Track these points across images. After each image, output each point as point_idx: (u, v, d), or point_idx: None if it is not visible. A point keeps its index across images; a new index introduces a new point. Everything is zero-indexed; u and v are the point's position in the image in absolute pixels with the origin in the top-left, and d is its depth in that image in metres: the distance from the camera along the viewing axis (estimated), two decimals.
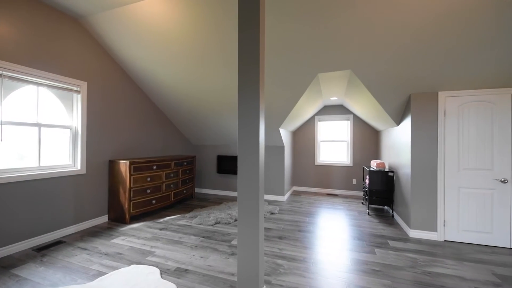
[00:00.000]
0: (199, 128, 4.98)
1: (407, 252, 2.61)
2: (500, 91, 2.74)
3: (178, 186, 4.32)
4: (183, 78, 3.67)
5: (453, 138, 2.89)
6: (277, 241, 2.87)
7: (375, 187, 3.97)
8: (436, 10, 2.13)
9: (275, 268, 2.26)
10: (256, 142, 1.73)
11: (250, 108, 1.75)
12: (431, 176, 2.98)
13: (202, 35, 2.84)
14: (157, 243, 2.77)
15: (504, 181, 2.70)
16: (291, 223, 3.51)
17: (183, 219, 3.59)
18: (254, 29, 1.74)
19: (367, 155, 5.45)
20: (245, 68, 1.76)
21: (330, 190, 5.71)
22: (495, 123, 2.75)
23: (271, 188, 4.93)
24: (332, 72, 3.15)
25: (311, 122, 5.95)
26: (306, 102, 4.26)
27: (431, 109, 2.98)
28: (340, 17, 2.36)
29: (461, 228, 2.86)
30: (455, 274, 2.18)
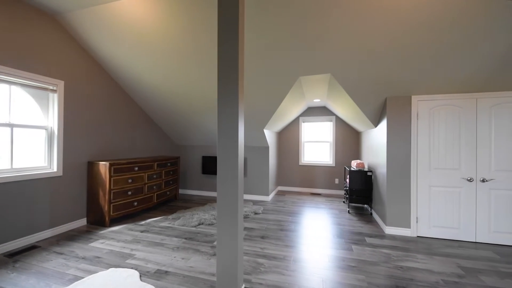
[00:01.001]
0: (183, 129, 4.94)
1: (382, 248, 2.74)
2: (466, 95, 2.94)
3: (161, 188, 4.26)
4: (166, 78, 3.64)
5: (425, 139, 3.07)
6: (259, 240, 2.91)
7: (355, 186, 4.12)
8: (410, 21, 2.26)
9: (256, 267, 2.30)
10: (235, 144, 1.77)
11: (229, 110, 1.78)
12: (405, 176, 3.14)
13: (186, 34, 2.83)
14: (137, 246, 2.73)
15: (470, 180, 2.90)
16: (274, 222, 3.57)
17: (166, 221, 3.56)
18: (233, 31, 1.77)
19: (348, 155, 5.63)
20: (225, 69, 1.79)
21: (314, 189, 5.85)
22: (462, 125, 2.95)
23: (256, 188, 4.98)
24: (313, 76, 3.25)
25: (296, 123, 6.06)
26: (290, 104, 4.34)
27: (405, 112, 3.15)
28: (319, 23, 2.44)
29: (432, 224, 3.04)
30: (424, 268, 2.32)
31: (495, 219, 2.85)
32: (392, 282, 2.08)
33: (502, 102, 2.83)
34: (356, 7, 2.23)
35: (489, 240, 2.87)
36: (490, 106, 2.87)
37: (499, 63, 2.50)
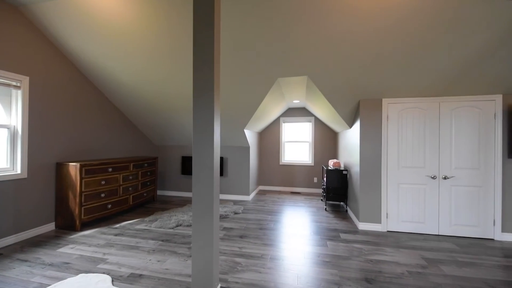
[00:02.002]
0: (162, 128, 4.82)
1: (355, 243, 2.88)
2: (431, 99, 3.17)
3: (138, 189, 4.13)
4: (142, 76, 3.53)
5: (394, 140, 3.26)
6: (238, 240, 2.93)
7: (331, 184, 4.28)
8: (379, 30, 2.39)
9: (233, 266, 2.32)
10: (210, 144, 1.77)
11: (205, 110, 1.78)
12: (376, 174, 3.32)
13: (162, 31, 2.77)
14: (110, 250, 2.63)
15: (434, 177, 3.14)
16: (254, 221, 3.61)
17: (142, 223, 3.46)
18: (209, 29, 1.77)
19: (326, 154, 5.82)
20: (200, 69, 1.79)
21: (294, 188, 5.98)
22: (427, 127, 3.18)
23: (236, 188, 4.98)
24: (291, 77, 3.32)
25: (277, 123, 6.15)
26: (270, 104, 4.40)
27: (377, 114, 3.33)
28: (295, 27, 2.51)
29: (401, 219, 3.25)
30: (392, 260, 2.47)
31: (455, 213, 3.10)
32: (362, 275, 2.20)
33: (461, 106, 3.09)
34: (330, 14, 2.32)
35: (450, 232, 3.12)
36: (451, 109, 3.12)
37: (458, 71, 2.73)
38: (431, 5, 2.13)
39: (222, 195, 5.05)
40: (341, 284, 2.05)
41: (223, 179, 5.05)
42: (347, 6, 2.24)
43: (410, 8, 2.18)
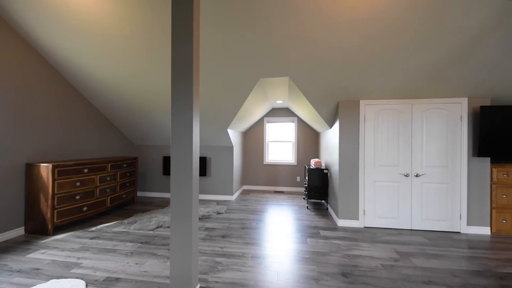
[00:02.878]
0: (142, 128, 4.69)
1: (333, 239, 2.98)
2: (404, 101, 3.35)
3: (116, 191, 3.99)
4: (120, 73, 3.42)
5: (371, 139, 3.41)
6: (219, 240, 2.92)
7: (313, 183, 4.38)
8: (356, 35, 2.49)
9: (214, 266, 2.31)
10: (189, 144, 1.76)
11: (183, 109, 1.77)
12: (354, 172, 3.45)
13: (141, 27, 2.70)
14: (85, 254, 2.53)
15: (407, 175, 3.32)
16: (237, 221, 3.61)
17: (120, 226, 3.35)
18: (187, 27, 1.76)
19: (309, 154, 5.95)
20: (178, 67, 1.77)
21: (277, 187, 6.05)
22: (401, 127, 3.35)
23: (219, 188, 4.96)
24: (274, 78, 3.37)
25: (260, 123, 6.19)
26: (253, 104, 4.43)
27: (354, 114, 3.46)
28: (277, 28, 2.54)
29: (377, 215, 3.40)
30: (367, 255, 2.59)
31: (426, 208, 3.30)
32: (339, 269, 2.28)
33: (431, 108, 3.29)
34: (309, 18, 2.38)
35: (422, 227, 3.32)
36: (422, 111, 3.31)
37: (428, 75, 2.90)
38: (403, 15, 2.25)
39: (205, 195, 5.01)
40: (319, 279, 2.12)
41: (206, 179, 5.01)
42: (326, 13, 2.31)
43: (384, 17, 2.29)
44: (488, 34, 2.35)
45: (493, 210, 3.20)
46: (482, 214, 3.21)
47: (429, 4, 2.15)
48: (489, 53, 2.55)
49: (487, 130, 3.09)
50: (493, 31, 2.32)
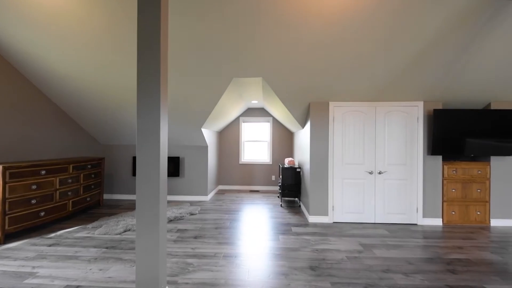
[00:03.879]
0: (108, 126, 4.43)
1: (304, 235, 3.09)
2: (369, 103, 3.58)
3: (79, 194, 3.73)
4: (85, 68, 3.20)
5: (339, 139, 3.59)
6: (191, 241, 2.88)
7: (286, 182, 4.50)
8: (325, 40, 2.60)
9: (184, 267, 2.28)
10: (156, 144, 1.71)
11: (150, 107, 1.71)
12: (324, 170, 3.61)
13: (108, 19, 2.56)
14: (42, 262, 2.34)
15: (371, 173, 3.56)
16: (210, 221, 3.58)
17: (84, 231, 3.14)
18: (154, 22, 1.71)
19: (283, 153, 6.09)
20: (145, 63, 1.72)
21: (253, 187, 6.10)
22: (365, 128, 3.58)
23: (194, 189, 4.87)
24: (247, 78, 3.39)
25: (236, 123, 6.19)
26: (228, 104, 4.42)
27: (324, 115, 3.62)
28: (249, 28, 2.57)
29: (344, 211, 3.60)
30: (334, 248, 2.73)
31: (387, 203, 3.56)
32: (308, 263, 2.38)
33: (392, 110, 3.57)
34: (281, 21, 2.44)
35: (384, 220, 3.58)
36: (384, 113, 3.57)
37: (389, 80, 3.14)
38: (365, 24, 2.40)
39: (178, 196, 4.88)
40: (288, 273, 2.19)
41: (179, 180, 4.89)
42: (296, 18, 2.39)
43: (349, 25, 2.42)
44: (438, 45, 2.61)
45: (444, 203, 3.56)
46: (435, 207, 3.55)
47: (388, 15, 2.33)
48: (439, 62, 2.83)
49: (439, 131, 3.42)
50: (443, 43, 2.58)
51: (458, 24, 2.38)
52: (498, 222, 3.54)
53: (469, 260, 2.49)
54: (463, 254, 2.61)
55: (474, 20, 2.33)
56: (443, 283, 2.07)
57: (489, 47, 2.62)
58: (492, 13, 2.26)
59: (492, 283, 2.08)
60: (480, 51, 2.67)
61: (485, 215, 3.55)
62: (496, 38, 2.51)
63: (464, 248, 2.77)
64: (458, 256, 2.57)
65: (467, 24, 2.37)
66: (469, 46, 2.62)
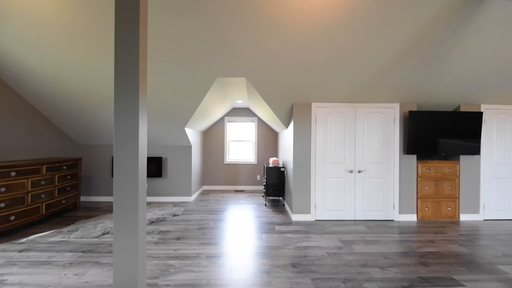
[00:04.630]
0: (86, 125, 4.25)
1: (287, 233, 3.15)
2: (349, 105, 3.70)
3: (54, 196, 3.54)
4: (58, 62, 3.05)
5: (321, 139, 3.69)
6: (174, 242, 2.84)
7: (271, 181, 4.55)
8: (306, 43, 2.66)
9: (165, 269, 2.24)
10: (134, 144, 1.67)
11: (128, 106, 1.67)
12: (306, 169, 3.69)
13: (86, 12, 2.46)
14: (12, 269, 2.20)
15: (351, 171, 3.68)
16: (194, 222, 3.55)
17: (58, 235, 3.00)
18: (133, 20, 1.67)
19: (269, 153, 6.14)
20: (123, 58, 1.67)
21: (238, 186, 6.10)
22: (346, 128, 3.70)
23: (177, 190, 4.79)
24: (231, 78, 3.39)
25: (221, 123, 6.16)
26: (212, 103, 4.38)
27: (307, 116, 3.70)
28: (233, 28, 2.57)
29: (326, 209, 3.70)
30: (315, 245, 2.80)
31: (366, 200, 3.71)
32: (290, 261, 2.42)
33: (371, 111, 3.71)
34: (264, 19, 2.47)
35: (363, 217, 3.72)
36: (364, 114, 3.71)
37: (368, 83, 3.26)
38: (345, 27, 2.49)
39: (160, 197, 4.78)
40: (270, 271, 2.22)
41: (162, 181, 4.78)
42: (278, 19, 2.43)
43: (330, 29, 2.50)
44: (412, 50, 2.75)
45: (418, 200, 3.76)
46: (410, 203, 3.74)
47: (365, 21, 2.43)
48: (413, 66, 2.99)
49: (413, 131, 3.61)
50: (416, 48, 2.73)
51: (429, 32, 2.53)
52: (466, 217, 3.80)
53: (439, 253, 2.66)
54: (435, 248, 2.78)
55: (444, 28, 2.48)
56: (416, 275, 2.20)
57: (457, 54, 2.81)
58: (459, 23, 2.43)
59: (459, 273, 2.24)
60: (450, 57, 2.86)
61: (455, 211, 3.80)
62: (463, 46, 2.69)
63: (435, 242, 2.94)
64: (430, 250, 2.73)
65: (437, 32, 2.53)
66: (439, 53, 2.79)
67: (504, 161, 3.80)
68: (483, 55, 2.84)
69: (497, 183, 3.81)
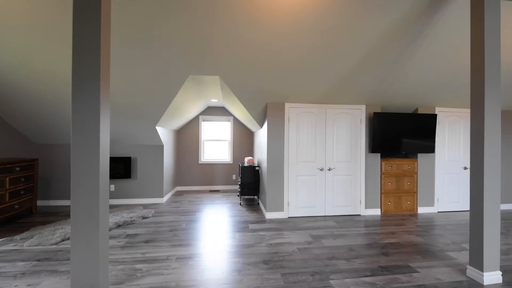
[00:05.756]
0: (43, 122, 3.89)
1: (260, 231, 3.19)
2: (320, 106, 3.86)
3: (4, 201, 3.19)
4: (10, 52, 2.76)
5: (294, 138, 3.79)
6: (142, 245, 2.72)
7: (246, 180, 4.56)
8: (280, 44, 2.70)
9: (132, 274, 2.14)
10: (95, 143, 1.58)
11: (87, 103, 1.57)
12: (280, 168, 3.77)
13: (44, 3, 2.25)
14: None
15: (321, 169, 3.84)
16: (165, 224, 3.43)
17: (9, 243, 2.71)
18: (94, 7, 1.57)
19: (244, 152, 6.16)
20: (82, 48, 1.57)
21: (213, 186, 6.03)
22: (317, 128, 3.85)
23: (147, 191, 4.60)
24: (205, 76, 3.34)
25: (196, 121, 6.03)
26: (186, 102, 4.27)
27: (280, 116, 3.78)
28: (207, 26, 2.53)
29: (299, 206, 3.81)
30: (287, 241, 2.87)
31: (336, 197, 3.89)
32: (261, 258, 2.46)
33: (340, 112, 3.90)
34: (236, 19, 2.47)
35: (333, 213, 3.90)
36: (333, 115, 3.89)
37: (336, 85, 3.43)
38: (315, 32, 2.59)
39: (129, 199, 4.55)
40: (242, 269, 2.23)
41: (130, 182, 4.55)
42: (250, 19, 2.45)
43: (300, 35, 2.58)
44: (376, 55, 2.95)
45: (382, 195, 4.04)
46: (374, 198, 4.01)
47: (332, 27, 2.55)
48: (377, 70, 3.20)
49: (377, 131, 3.87)
50: (379, 54, 2.93)
51: (389, 40, 2.73)
52: (423, 210, 4.16)
53: (399, 243, 2.88)
54: (395, 239, 3.01)
55: (402, 37, 2.70)
56: (377, 264, 2.36)
57: (415, 61, 3.07)
58: (415, 33, 2.65)
59: (415, 261, 2.45)
60: (407, 64, 3.11)
61: (414, 204, 4.14)
62: (420, 54, 2.95)
63: (396, 233, 3.18)
64: (391, 241, 2.95)
65: (397, 41, 2.74)
66: (399, 60, 3.03)
67: (455, 159, 4.23)
68: (437, 63, 3.13)
69: (449, 179, 4.23)
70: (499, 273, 2.06)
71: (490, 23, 2.03)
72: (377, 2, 2.36)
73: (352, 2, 2.34)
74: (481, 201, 2.05)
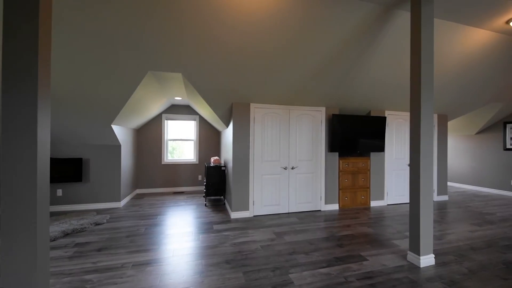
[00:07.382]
0: None
1: (224, 231, 3.17)
2: (284, 107, 3.98)
3: None
4: None
5: (259, 138, 3.85)
6: (93, 254, 2.50)
7: (212, 180, 4.49)
8: (243, 44, 2.72)
9: (80, 286, 1.95)
10: (31, 142, 1.40)
11: (20, 93, 1.39)
12: (245, 167, 3.80)
13: None
14: None
15: (285, 168, 3.97)
16: (122, 230, 3.20)
17: None
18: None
19: (211, 152, 6.05)
20: (13, 35, 1.38)
21: (177, 188, 5.80)
22: (281, 128, 3.97)
23: (102, 195, 4.23)
24: (166, 73, 3.19)
25: (158, 120, 5.74)
26: (146, 99, 4.04)
27: (246, 116, 3.81)
28: (168, 20, 2.43)
29: (263, 204, 3.89)
30: (251, 240, 2.91)
31: (298, 194, 4.06)
32: (224, 258, 2.45)
33: (302, 113, 4.08)
34: (197, 16, 2.41)
35: (296, 209, 4.06)
36: (296, 115, 4.05)
37: (298, 88, 3.58)
38: (277, 35, 2.67)
39: (81, 205, 4.14)
40: (204, 271, 2.20)
41: (82, 186, 4.14)
42: (212, 17, 2.42)
43: (264, 36, 2.63)
44: (333, 61, 3.15)
45: (340, 191, 4.34)
46: (333, 194, 4.28)
47: (293, 31, 2.65)
48: (334, 75, 3.43)
49: (336, 132, 4.14)
50: (336, 60, 3.14)
51: (345, 47, 2.94)
52: (375, 203, 4.58)
53: (353, 235, 3.13)
54: (349, 231, 3.26)
55: (356, 45, 2.94)
56: (333, 256, 2.53)
57: (368, 68, 3.36)
58: (367, 43, 2.91)
59: (365, 250, 2.69)
60: (362, 70, 3.39)
61: (367, 199, 4.54)
62: (372, 62, 3.24)
63: (351, 226, 3.45)
64: (346, 233, 3.18)
65: (351, 48, 2.97)
66: (354, 66, 3.29)
67: (400, 157, 4.75)
68: (385, 71, 3.48)
69: (396, 174, 4.72)
70: (432, 256, 2.38)
71: (425, 36, 2.32)
72: (332, 14, 2.53)
73: (310, 10, 2.47)
74: (418, 193, 2.34)
